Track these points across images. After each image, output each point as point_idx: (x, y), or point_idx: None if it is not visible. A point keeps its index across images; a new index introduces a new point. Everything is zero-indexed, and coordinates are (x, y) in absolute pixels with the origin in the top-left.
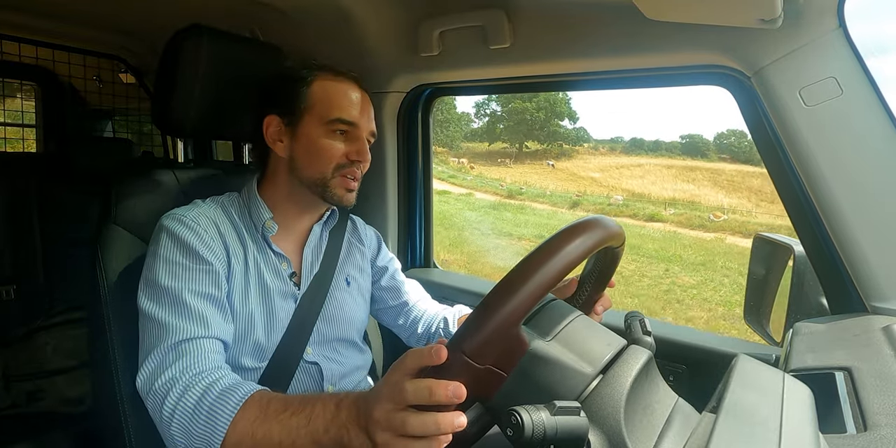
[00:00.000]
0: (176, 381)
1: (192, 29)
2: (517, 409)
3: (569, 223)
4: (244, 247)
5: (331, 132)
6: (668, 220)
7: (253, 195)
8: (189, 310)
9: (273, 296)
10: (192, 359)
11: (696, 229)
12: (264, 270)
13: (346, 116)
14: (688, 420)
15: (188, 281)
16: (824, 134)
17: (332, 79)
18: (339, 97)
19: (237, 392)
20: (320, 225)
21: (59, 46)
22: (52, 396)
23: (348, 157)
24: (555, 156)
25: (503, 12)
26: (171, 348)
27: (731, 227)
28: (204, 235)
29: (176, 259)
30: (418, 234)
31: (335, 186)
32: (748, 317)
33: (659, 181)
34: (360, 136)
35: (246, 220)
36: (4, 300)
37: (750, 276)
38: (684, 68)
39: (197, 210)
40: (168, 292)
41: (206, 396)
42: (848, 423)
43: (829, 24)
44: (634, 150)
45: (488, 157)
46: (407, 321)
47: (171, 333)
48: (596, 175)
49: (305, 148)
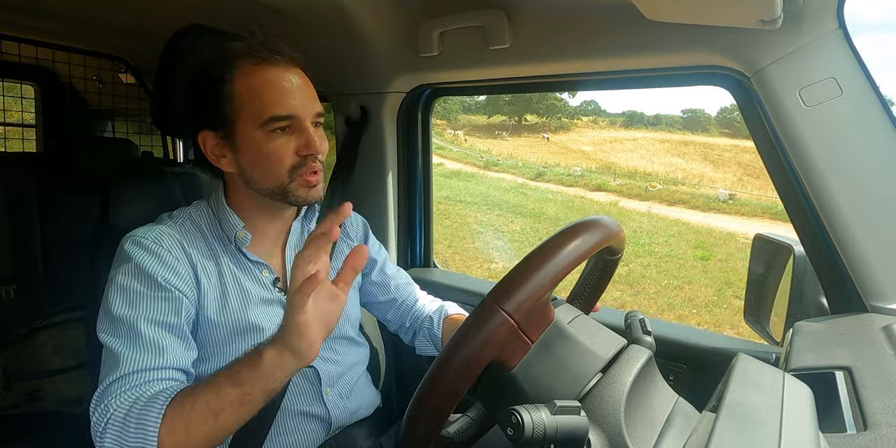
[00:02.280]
0: (111, 408)
1: (191, 29)
2: (517, 408)
3: (571, 222)
4: (216, 260)
5: (270, 133)
6: (611, 189)
7: (221, 205)
8: (143, 339)
9: (256, 305)
10: (140, 390)
11: (632, 198)
12: (244, 281)
13: (279, 112)
14: (688, 419)
15: (144, 309)
16: (824, 134)
17: (254, 69)
18: (267, 90)
19: (163, 395)
20: (300, 221)
21: (59, 46)
22: (52, 396)
23: (298, 154)
24: (553, 129)
25: (503, 13)
26: (119, 378)
27: (660, 196)
28: (167, 257)
29: (133, 287)
30: (418, 233)
31: (296, 188)
32: (748, 317)
33: (648, 155)
34: (304, 125)
35: (217, 232)
36: (4, 300)
37: (750, 276)
38: (684, 69)
39: (159, 229)
40: (123, 322)
41: (133, 409)
42: (848, 423)
43: (829, 25)
44: (634, 124)
45: (486, 130)
46: (396, 315)
47: (123, 364)
48: (587, 149)
49: (251, 159)
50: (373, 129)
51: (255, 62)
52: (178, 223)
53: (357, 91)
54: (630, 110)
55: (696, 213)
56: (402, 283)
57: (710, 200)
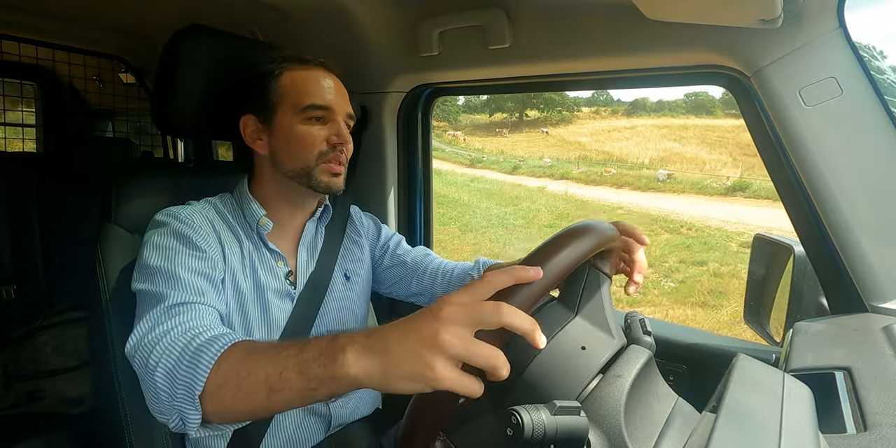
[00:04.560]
0: (166, 334)
1: (191, 29)
2: (517, 408)
3: (567, 226)
4: (240, 244)
5: (306, 120)
6: (573, 177)
7: (245, 194)
8: (183, 282)
9: (268, 295)
10: (186, 317)
11: (589, 184)
12: (259, 269)
13: (318, 101)
14: (688, 420)
15: (181, 261)
16: (824, 134)
17: (300, 68)
18: (309, 84)
19: (225, 337)
20: (314, 222)
21: (59, 46)
22: (52, 396)
23: (328, 142)
24: (554, 123)
25: (503, 12)
26: (164, 311)
27: (611, 180)
28: (200, 230)
29: (169, 245)
30: (418, 233)
31: (319, 173)
32: (748, 317)
33: (643, 142)
34: (337, 118)
35: (240, 220)
36: (4, 300)
37: (750, 276)
38: (684, 68)
39: (191, 208)
40: (161, 271)
41: (193, 341)
42: (848, 423)
43: (829, 25)
44: (636, 112)
45: (487, 129)
46: (422, 285)
47: (166, 299)
48: (584, 140)
49: (284, 140)
50: (373, 128)
51: (302, 62)
52: (206, 208)
53: (357, 91)
54: (636, 98)
55: (638, 194)
56: (419, 254)
57: (650, 181)
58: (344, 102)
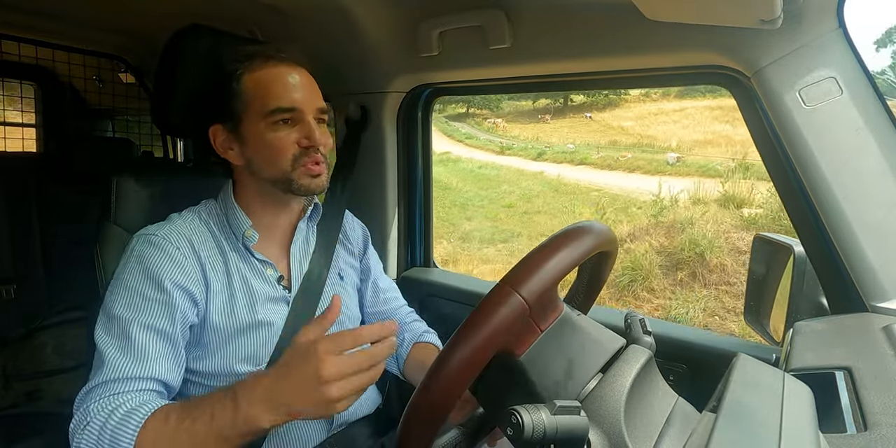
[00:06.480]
0: (89, 414)
1: (191, 29)
2: (517, 408)
3: (565, 227)
4: (225, 259)
5: (273, 124)
6: (591, 162)
7: (229, 202)
8: (132, 344)
9: (262, 303)
10: (119, 400)
11: (604, 169)
12: (250, 279)
13: (284, 103)
14: (688, 420)
15: (141, 313)
16: (824, 134)
17: (262, 66)
18: (272, 84)
19: (139, 412)
20: (305, 221)
21: (59, 46)
22: (51, 396)
23: (300, 145)
24: (600, 107)
25: (503, 12)
26: (100, 384)
27: (625, 164)
28: (177, 255)
29: (135, 287)
30: (418, 233)
31: (298, 177)
32: (748, 317)
33: (692, 125)
34: (306, 118)
35: (225, 230)
36: (4, 300)
37: (750, 276)
38: (684, 68)
39: (169, 226)
40: (117, 322)
41: (109, 421)
42: (848, 423)
43: (829, 25)
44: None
45: (530, 115)
46: (373, 320)
47: (107, 368)
48: (628, 124)
49: (255, 149)
50: (373, 128)
51: (263, 60)
52: (188, 222)
53: (357, 91)
54: None
55: (647, 178)
56: (390, 297)
57: (660, 164)
58: (312, 97)
